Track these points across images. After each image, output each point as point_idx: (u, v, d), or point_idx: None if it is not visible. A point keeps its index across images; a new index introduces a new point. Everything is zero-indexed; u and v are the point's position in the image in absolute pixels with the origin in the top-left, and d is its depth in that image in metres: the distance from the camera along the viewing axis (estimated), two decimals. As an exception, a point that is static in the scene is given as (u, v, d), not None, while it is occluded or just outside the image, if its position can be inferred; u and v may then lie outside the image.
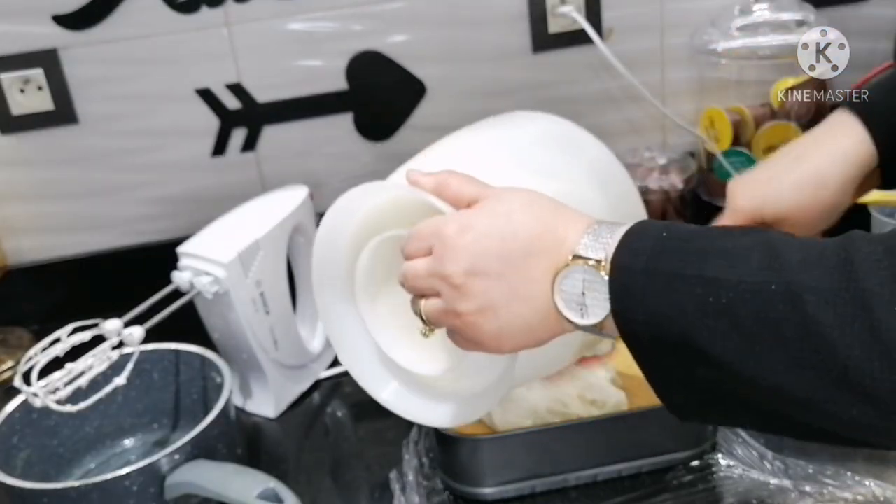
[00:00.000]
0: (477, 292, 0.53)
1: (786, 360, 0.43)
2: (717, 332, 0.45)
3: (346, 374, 0.98)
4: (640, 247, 0.49)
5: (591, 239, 0.51)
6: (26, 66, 1.06)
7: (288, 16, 1.08)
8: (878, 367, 0.40)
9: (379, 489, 0.81)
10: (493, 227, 0.53)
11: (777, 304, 0.43)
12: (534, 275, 0.52)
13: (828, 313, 0.41)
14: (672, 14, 1.15)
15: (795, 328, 0.42)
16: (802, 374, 0.43)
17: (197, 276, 0.84)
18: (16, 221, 1.15)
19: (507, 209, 0.54)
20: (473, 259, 0.53)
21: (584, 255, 0.50)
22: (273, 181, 1.14)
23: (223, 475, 0.73)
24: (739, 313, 0.44)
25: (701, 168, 1.15)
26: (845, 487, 0.75)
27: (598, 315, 0.50)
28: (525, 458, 0.78)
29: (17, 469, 0.79)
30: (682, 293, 0.46)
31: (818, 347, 0.42)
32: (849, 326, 0.41)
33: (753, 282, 0.44)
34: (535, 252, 0.52)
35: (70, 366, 0.73)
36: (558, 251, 0.51)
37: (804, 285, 0.42)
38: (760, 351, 0.43)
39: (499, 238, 0.53)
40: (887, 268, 0.41)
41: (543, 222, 0.53)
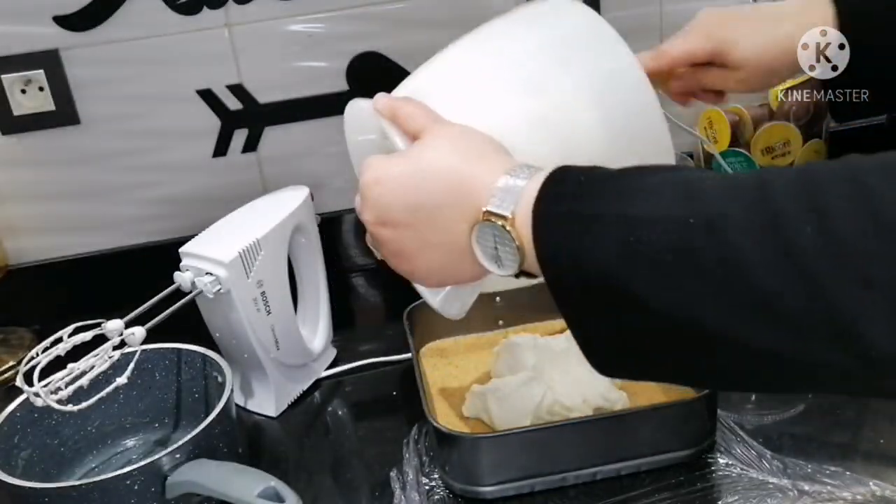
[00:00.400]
0: (387, 240, 0.57)
1: (705, 290, 0.43)
2: (638, 269, 0.44)
3: (347, 374, 0.99)
4: (560, 192, 0.49)
5: (502, 193, 0.51)
6: (28, 67, 1.06)
7: (289, 17, 1.09)
8: (793, 287, 0.40)
9: (379, 488, 0.82)
10: (404, 178, 0.56)
11: (696, 235, 0.43)
12: (446, 224, 0.54)
13: (744, 238, 0.41)
14: (671, 15, 1.15)
15: (714, 257, 0.42)
16: (721, 303, 0.42)
17: (198, 275, 0.84)
18: (17, 221, 1.15)
19: (425, 158, 0.56)
20: (380, 211, 0.57)
21: (494, 212, 0.51)
22: (274, 182, 1.14)
23: (224, 474, 0.73)
24: (660, 248, 0.44)
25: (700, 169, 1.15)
26: (844, 487, 0.76)
27: (511, 268, 0.52)
28: (524, 457, 0.78)
29: (19, 468, 0.79)
30: (602, 234, 0.46)
31: (736, 273, 0.42)
32: (764, 248, 0.41)
33: (673, 216, 0.44)
34: (446, 204, 0.54)
35: (72, 365, 0.73)
36: (471, 204, 0.53)
37: (722, 214, 0.42)
38: (681, 284, 0.43)
39: (408, 190, 0.55)
40: (800, 189, 0.41)
41: (457, 173, 0.54)
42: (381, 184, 0.56)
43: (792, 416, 0.86)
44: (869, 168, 0.41)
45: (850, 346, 0.40)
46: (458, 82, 0.65)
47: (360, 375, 0.99)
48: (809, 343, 0.41)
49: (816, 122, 1.09)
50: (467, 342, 0.98)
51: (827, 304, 0.40)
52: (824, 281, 0.40)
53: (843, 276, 0.39)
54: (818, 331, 0.41)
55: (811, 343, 0.41)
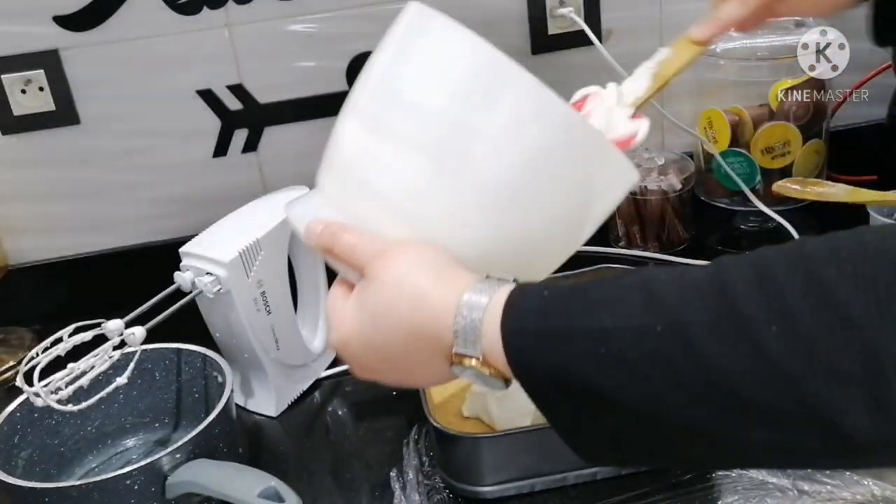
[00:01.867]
0: (380, 378, 0.58)
1: (685, 396, 0.43)
2: (615, 379, 0.45)
3: (347, 374, 0.99)
4: (526, 308, 0.49)
5: (464, 331, 0.50)
6: (28, 67, 1.06)
7: (289, 17, 1.09)
8: (769, 388, 0.41)
9: (379, 488, 0.82)
10: (365, 337, 0.55)
11: (665, 343, 0.43)
12: (422, 362, 0.54)
13: (714, 343, 0.42)
14: (671, 15, 1.15)
15: (686, 363, 0.43)
16: (704, 408, 0.43)
17: (198, 275, 0.84)
18: (18, 221, 1.15)
19: (371, 314, 0.54)
20: (359, 365, 0.58)
21: (462, 353, 0.51)
22: (274, 182, 1.14)
23: (224, 474, 0.73)
24: (631, 358, 0.44)
25: (699, 169, 1.15)
26: (844, 487, 0.76)
27: (501, 388, 0.52)
28: (525, 457, 0.78)
29: (19, 469, 0.79)
30: (575, 347, 0.46)
31: (711, 378, 0.42)
32: (735, 351, 0.41)
33: (639, 325, 0.44)
34: (414, 350, 0.54)
35: (72, 365, 0.73)
36: (438, 346, 0.52)
37: (687, 321, 0.43)
38: (660, 391, 0.44)
39: (373, 348, 0.55)
40: (759, 290, 0.42)
41: (411, 320, 0.53)
42: (349, 344, 0.57)
43: (792, 415, 0.86)
44: (821, 259, 0.41)
45: (833, 437, 0.41)
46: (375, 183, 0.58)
47: (360, 375, 0.99)
48: (794, 436, 0.42)
49: (816, 122, 1.09)
50: (467, 342, 0.98)
51: (806, 402, 0.40)
52: (800, 380, 0.40)
53: (818, 374, 0.40)
54: (802, 425, 0.42)
55: (796, 436, 0.42)
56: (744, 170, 1.09)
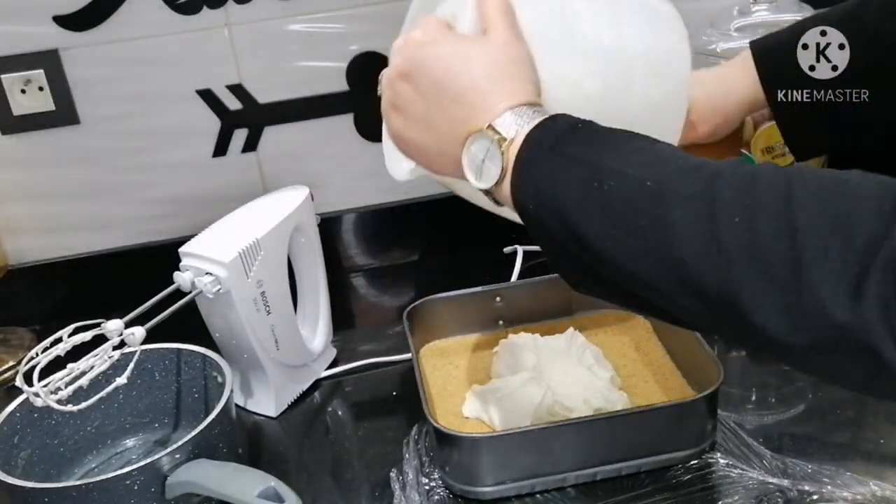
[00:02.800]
0: (398, 92, 0.60)
1: (638, 248, 0.48)
2: (590, 213, 0.50)
3: (347, 374, 0.99)
4: (553, 127, 0.53)
5: (512, 117, 0.55)
6: (27, 67, 1.06)
7: (288, 17, 1.09)
8: (707, 263, 0.45)
9: (379, 488, 0.82)
10: (449, 57, 0.58)
11: (646, 198, 0.48)
12: (452, 116, 0.57)
13: (679, 211, 0.46)
14: (671, 15, 1.15)
15: (650, 220, 0.47)
16: (650, 263, 0.48)
17: (198, 275, 0.84)
18: (17, 221, 1.15)
19: (474, 52, 0.58)
20: (412, 67, 0.59)
21: (497, 129, 0.55)
22: (274, 182, 1.14)
23: (224, 474, 0.73)
24: (613, 201, 0.49)
25: (700, 168, 1.15)
26: (844, 487, 0.76)
27: (487, 183, 0.56)
28: (524, 457, 0.78)
29: (19, 469, 0.79)
30: (571, 173, 0.51)
31: (665, 240, 0.47)
32: (693, 226, 0.46)
33: (634, 175, 0.49)
34: (463, 102, 0.57)
35: (71, 365, 0.73)
36: (482, 113, 0.56)
37: (671, 187, 0.47)
38: (620, 237, 0.49)
39: (444, 69, 0.58)
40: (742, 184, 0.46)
41: (489, 82, 0.56)
42: (432, 47, 0.58)
43: (792, 416, 0.86)
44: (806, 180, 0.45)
45: (747, 331, 0.45)
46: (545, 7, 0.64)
47: (359, 375, 0.99)
48: (715, 318, 0.47)
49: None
50: (467, 342, 0.98)
51: (732, 291, 0.45)
52: (736, 270, 0.45)
53: (752, 266, 0.44)
54: (722, 310, 0.46)
55: (716, 318, 0.47)
56: (744, 170, 1.09)
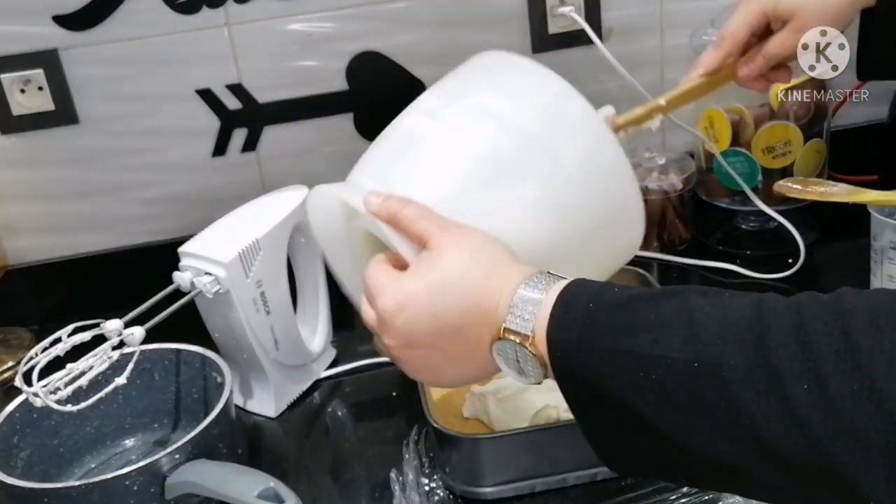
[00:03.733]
0: (413, 360, 0.59)
1: (713, 430, 0.46)
2: (650, 403, 0.48)
3: (347, 374, 0.99)
4: (571, 319, 0.51)
5: (519, 308, 0.53)
6: (27, 67, 1.06)
7: (288, 16, 1.09)
8: (793, 442, 0.43)
9: (379, 488, 0.81)
10: (425, 304, 0.55)
11: (701, 379, 0.46)
12: (469, 341, 0.56)
13: (747, 389, 0.44)
14: (671, 15, 1.15)
15: (719, 402, 0.45)
16: (728, 445, 0.46)
17: (197, 275, 0.84)
18: (16, 221, 1.15)
19: (443, 277, 0.55)
20: (407, 337, 0.57)
21: (513, 329, 0.53)
22: (273, 181, 1.14)
23: (224, 474, 0.73)
24: (668, 387, 0.47)
25: (700, 168, 1.15)
26: (844, 487, 0.75)
27: (534, 378, 0.54)
28: (525, 458, 0.78)
29: (18, 469, 0.79)
30: (614, 368, 0.49)
31: (740, 421, 0.45)
32: (765, 402, 0.44)
33: (678, 359, 0.47)
34: (467, 325, 0.55)
35: (71, 365, 0.73)
36: (490, 322, 0.55)
37: (723, 363, 0.45)
38: (690, 422, 0.47)
39: (431, 316, 0.55)
40: (795, 344, 0.44)
41: (475, 291, 0.55)
42: (405, 310, 0.56)
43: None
44: (859, 322, 0.43)
45: (849, 496, 0.43)
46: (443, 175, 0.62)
47: (359, 376, 0.99)
48: (811, 488, 0.45)
49: (817, 121, 1.09)
50: (467, 342, 0.98)
51: (828, 461, 0.42)
52: (825, 440, 0.42)
53: (843, 437, 0.42)
54: (820, 480, 0.44)
55: (813, 488, 0.45)
56: (745, 169, 1.09)
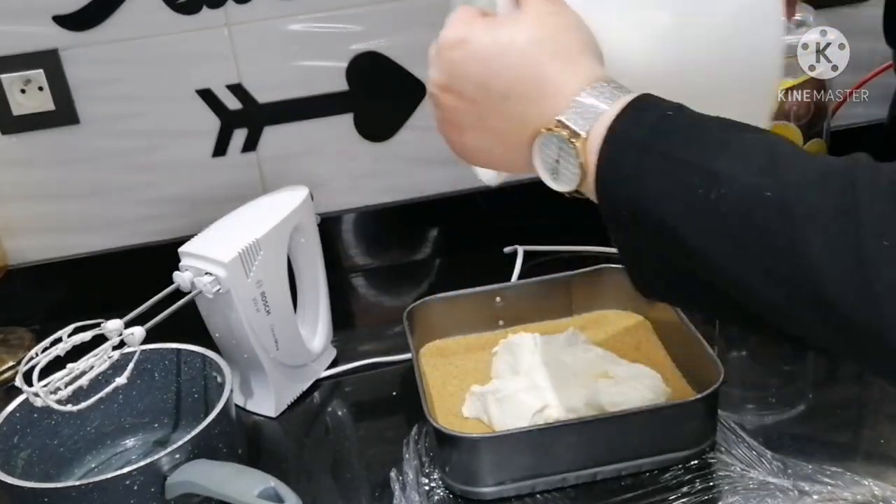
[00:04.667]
0: (446, 106, 0.54)
1: (765, 268, 0.42)
2: (701, 225, 0.43)
3: (347, 374, 0.99)
4: (643, 118, 0.46)
5: (581, 108, 0.48)
6: (27, 67, 1.06)
7: (288, 16, 1.09)
8: (855, 298, 0.39)
9: (379, 488, 0.81)
10: (485, 52, 0.51)
11: (769, 211, 0.41)
12: (512, 115, 0.51)
13: (818, 235, 0.40)
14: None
15: (782, 241, 0.41)
16: (779, 286, 0.42)
17: (198, 275, 0.84)
18: (17, 221, 1.15)
19: (510, 37, 0.50)
20: (451, 76, 0.53)
21: (568, 125, 0.48)
22: (274, 182, 1.14)
23: (224, 474, 0.73)
24: (728, 212, 0.42)
25: (701, 168, 1.15)
26: (845, 487, 0.76)
27: (568, 185, 0.50)
28: (525, 458, 0.78)
29: (18, 469, 0.79)
30: (674, 177, 0.44)
31: (800, 266, 0.40)
32: (837, 254, 0.39)
33: (750, 183, 0.42)
34: (517, 96, 0.51)
35: (71, 365, 0.73)
36: (545, 106, 0.50)
37: (801, 200, 0.41)
38: (741, 254, 0.42)
39: (484, 67, 0.51)
40: (886, 193, 0.40)
41: (540, 68, 0.50)
42: (463, 48, 0.52)
43: (792, 416, 0.86)
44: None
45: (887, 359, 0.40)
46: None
47: (360, 375, 0.99)
48: (845, 341, 0.41)
49: (817, 121, 1.09)
50: (467, 342, 0.98)
51: (879, 327, 0.39)
52: (886, 306, 0.39)
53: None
54: (859, 337, 0.40)
55: (847, 341, 0.41)
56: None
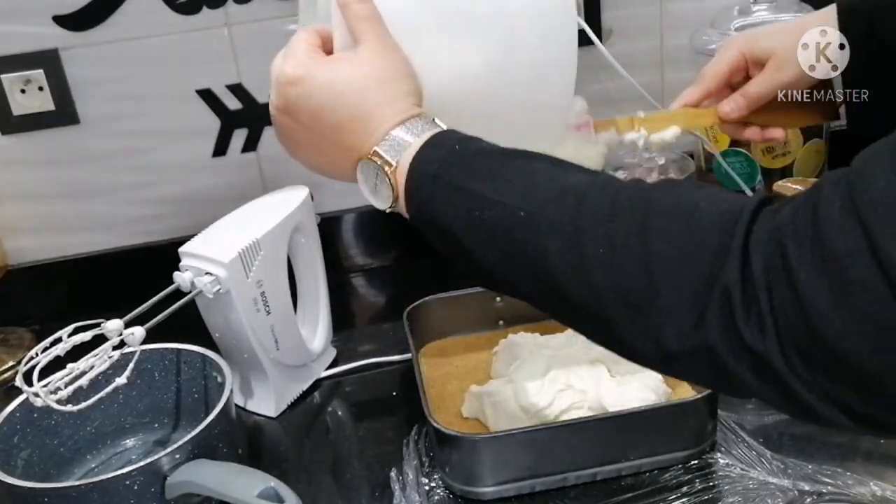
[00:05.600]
0: (283, 126, 0.64)
1: (524, 273, 0.53)
2: (479, 240, 0.55)
3: (347, 374, 0.99)
4: (434, 155, 0.57)
5: (393, 141, 0.58)
6: (27, 67, 1.06)
7: (288, 16, 1.08)
8: (581, 294, 0.50)
9: (379, 488, 0.82)
10: (322, 90, 0.60)
11: (520, 226, 0.52)
12: (339, 143, 0.61)
13: (551, 241, 0.51)
14: (671, 15, 1.15)
15: (531, 249, 0.52)
16: (536, 287, 0.53)
17: (198, 275, 0.84)
18: (17, 221, 1.15)
19: (344, 83, 0.60)
20: (288, 106, 0.62)
21: (382, 155, 0.58)
22: (274, 181, 1.14)
23: (224, 474, 0.73)
24: (495, 229, 0.54)
25: (700, 168, 1.15)
26: (845, 487, 0.76)
27: (384, 204, 0.60)
28: (524, 458, 0.78)
29: (18, 469, 0.79)
30: (457, 204, 0.55)
31: (544, 269, 0.51)
32: (565, 255, 0.50)
33: (510, 205, 0.53)
34: (346, 130, 0.60)
35: (71, 365, 0.73)
36: (366, 138, 0.59)
37: (542, 216, 0.52)
38: (506, 263, 0.54)
39: (318, 105, 0.60)
40: (603, 213, 0.50)
41: (366, 107, 0.59)
42: (301, 85, 0.60)
43: (792, 416, 0.86)
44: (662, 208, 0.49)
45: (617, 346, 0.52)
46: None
47: (359, 375, 0.99)
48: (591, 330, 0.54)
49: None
50: (467, 342, 0.98)
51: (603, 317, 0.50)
52: (604, 298, 0.49)
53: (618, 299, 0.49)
54: (597, 328, 0.52)
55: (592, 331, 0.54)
56: (744, 169, 1.09)
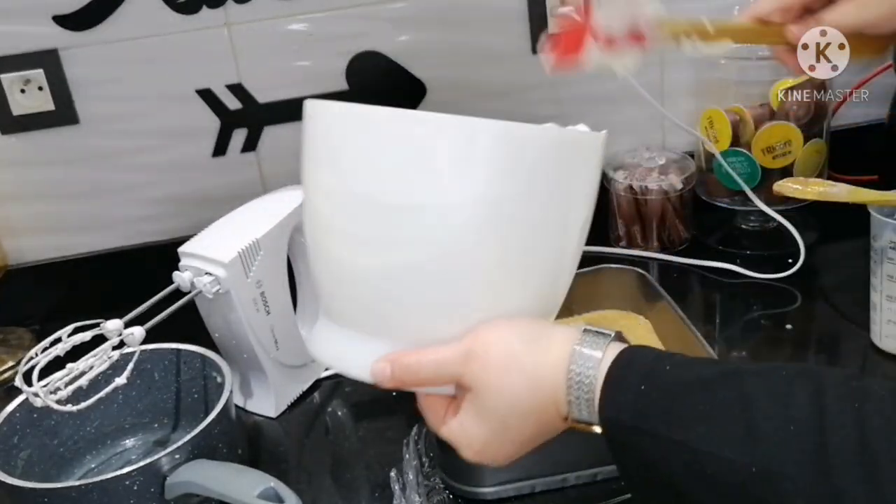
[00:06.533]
0: (488, 459, 0.60)
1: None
2: (702, 492, 0.49)
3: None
4: (623, 401, 0.52)
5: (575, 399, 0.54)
6: (27, 67, 1.06)
7: (288, 16, 1.09)
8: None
9: (379, 488, 0.81)
10: (500, 440, 0.58)
11: (758, 485, 0.46)
12: (544, 433, 0.58)
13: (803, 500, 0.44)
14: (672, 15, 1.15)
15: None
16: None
17: (198, 275, 0.84)
18: (16, 221, 1.15)
19: (500, 419, 0.57)
20: (500, 458, 0.60)
21: (578, 419, 0.55)
22: (274, 181, 1.14)
23: (224, 474, 0.73)
24: (722, 484, 0.47)
25: (700, 168, 1.15)
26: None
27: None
28: (525, 458, 0.78)
29: (18, 469, 0.79)
30: (669, 454, 0.49)
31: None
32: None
33: (733, 460, 0.47)
34: (541, 426, 0.57)
35: (71, 365, 0.73)
36: (556, 413, 0.56)
37: (783, 474, 0.45)
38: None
39: (510, 442, 0.58)
40: (859, 462, 0.43)
41: (532, 407, 0.56)
42: (486, 451, 0.59)
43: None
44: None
45: None
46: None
47: (360, 375, 0.99)
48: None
49: (817, 121, 1.09)
50: (467, 342, 0.97)
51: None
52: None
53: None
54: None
55: None
56: (745, 169, 1.09)
